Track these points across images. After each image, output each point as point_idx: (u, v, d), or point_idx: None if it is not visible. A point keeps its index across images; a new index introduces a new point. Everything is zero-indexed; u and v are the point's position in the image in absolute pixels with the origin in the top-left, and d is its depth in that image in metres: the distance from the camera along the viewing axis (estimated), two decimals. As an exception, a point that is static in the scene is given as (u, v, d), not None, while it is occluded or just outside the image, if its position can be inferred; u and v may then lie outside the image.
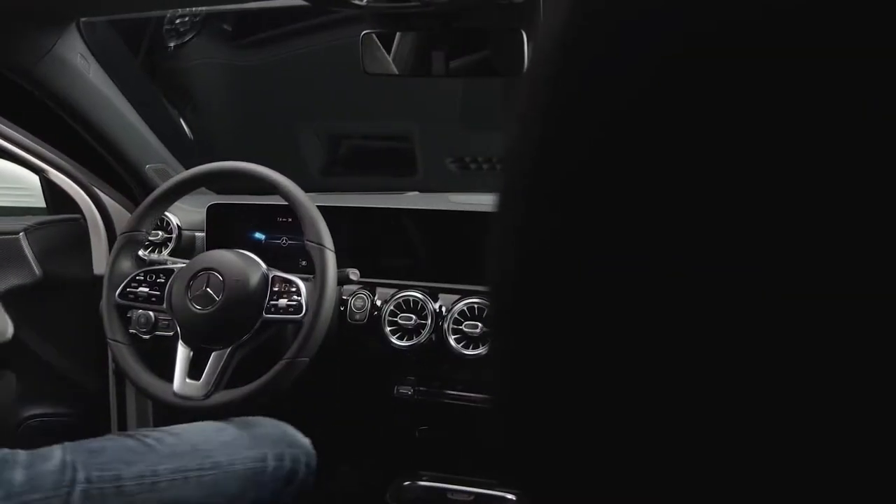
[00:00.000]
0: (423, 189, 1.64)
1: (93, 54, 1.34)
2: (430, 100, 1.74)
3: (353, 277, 1.25)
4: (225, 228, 1.48)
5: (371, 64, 1.13)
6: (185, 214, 1.52)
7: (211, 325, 1.18)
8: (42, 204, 1.55)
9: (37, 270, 1.40)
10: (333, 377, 1.41)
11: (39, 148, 1.41)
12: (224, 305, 1.17)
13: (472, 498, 1.25)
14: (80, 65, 1.30)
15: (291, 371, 1.13)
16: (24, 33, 1.19)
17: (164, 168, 1.59)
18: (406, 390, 1.32)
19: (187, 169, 1.60)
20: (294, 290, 1.20)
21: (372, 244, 1.41)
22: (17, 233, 1.39)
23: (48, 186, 1.51)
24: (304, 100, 1.80)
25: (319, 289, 1.16)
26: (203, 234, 1.49)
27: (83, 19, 1.27)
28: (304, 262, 1.41)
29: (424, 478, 1.28)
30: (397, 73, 1.10)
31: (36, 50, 0.94)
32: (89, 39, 1.32)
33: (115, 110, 1.44)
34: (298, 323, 1.17)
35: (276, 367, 1.13)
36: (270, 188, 1.24)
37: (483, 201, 1.55)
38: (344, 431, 1.26)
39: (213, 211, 1.47)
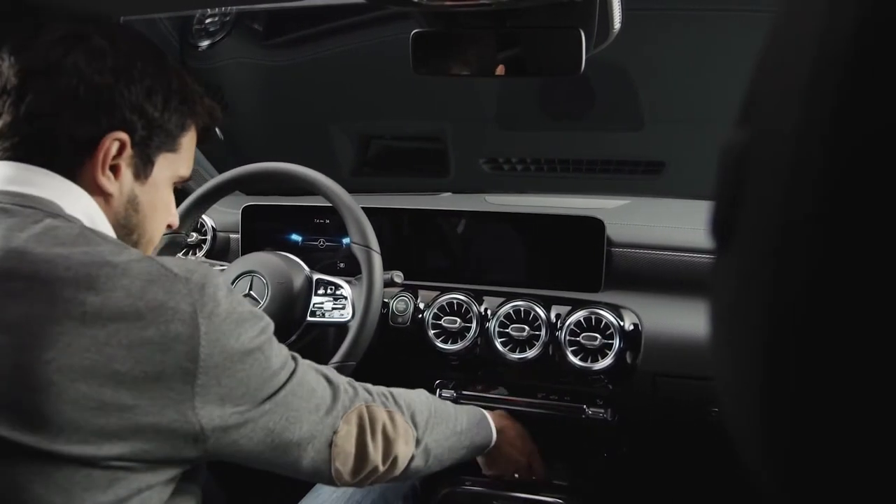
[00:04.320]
0: (456, 190, 1.62)
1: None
2: (464, 100, 1.72)
3: (397, 280, 1.23)
4: (260, 230, 1.46)
5: (421, 63, 1.11)
6: (219, 216, 1.50)
7: None
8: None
9: None
10: (374, 381, 1.39)
11: None
12: (268, 309, 1.15)
13: (517, 504, 1.23)
14: (118, 65, 1.28)
15: (340, 375, 1.11)
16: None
17: (195, 168, 1.57)
18: (449, 394, 1.30)
19: (217, 169, 1.58)
20: (339, 293, 1.18)
21: (412, 246, 1.39)
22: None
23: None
24: (334, 100, 1.78)
25: (367, 292, 1.14)
26: (238, 236, 1.47)
27: (123, 18, 1.25)
28: (342, 265, 1.40)
29: (468, 483, 1.26)
30: (448, 73, 1.08)
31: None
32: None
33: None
34: (344, 326, 1.15)
35: (326, 372, 1.11)
36: (313, 189, 1.21)
37: (522, 202, 1.53)
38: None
39: (248, 212, 1.46)
